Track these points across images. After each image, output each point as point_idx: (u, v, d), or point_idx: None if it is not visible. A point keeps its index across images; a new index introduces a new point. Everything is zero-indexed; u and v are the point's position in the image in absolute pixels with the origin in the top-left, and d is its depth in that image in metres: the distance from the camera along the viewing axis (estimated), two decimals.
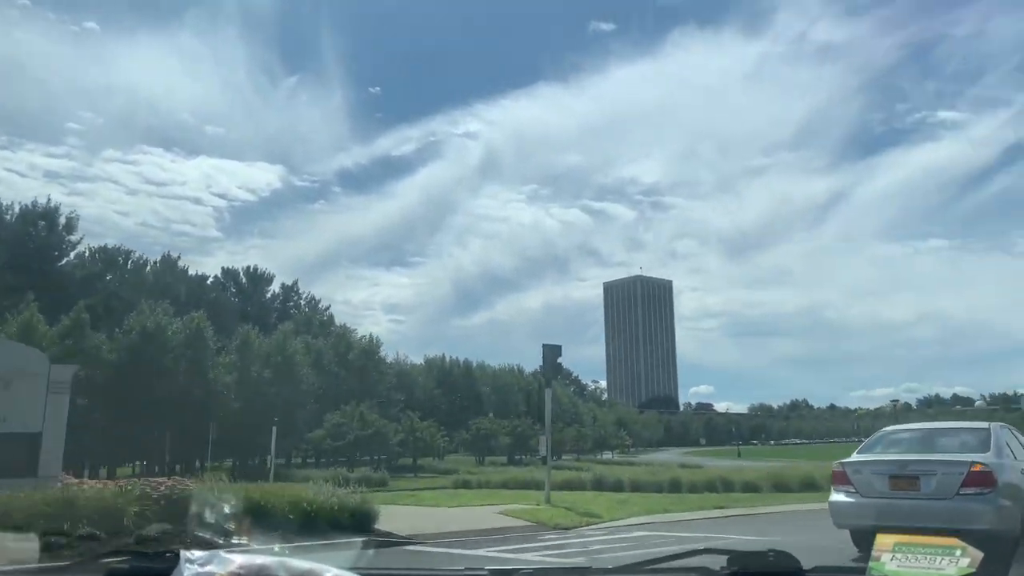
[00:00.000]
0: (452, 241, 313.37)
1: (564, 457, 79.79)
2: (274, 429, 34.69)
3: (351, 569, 1.78)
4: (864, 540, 9.06)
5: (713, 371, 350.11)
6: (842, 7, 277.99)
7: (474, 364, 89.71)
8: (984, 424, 10.51)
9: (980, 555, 1.64)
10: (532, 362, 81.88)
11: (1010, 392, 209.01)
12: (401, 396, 66.54)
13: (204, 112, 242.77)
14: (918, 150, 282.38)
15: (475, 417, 70.82)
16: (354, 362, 65.07)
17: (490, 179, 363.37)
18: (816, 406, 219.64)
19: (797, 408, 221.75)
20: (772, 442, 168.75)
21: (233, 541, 3.78)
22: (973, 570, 1.61)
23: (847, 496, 9.47)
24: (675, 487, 25.12)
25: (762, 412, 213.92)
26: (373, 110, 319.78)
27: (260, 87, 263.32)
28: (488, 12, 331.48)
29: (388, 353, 75.93)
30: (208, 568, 1.75)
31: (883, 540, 1.78)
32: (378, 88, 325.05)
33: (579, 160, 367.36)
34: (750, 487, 24.33)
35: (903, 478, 9.08)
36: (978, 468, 8.67)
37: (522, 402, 79.11)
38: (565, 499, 20.23)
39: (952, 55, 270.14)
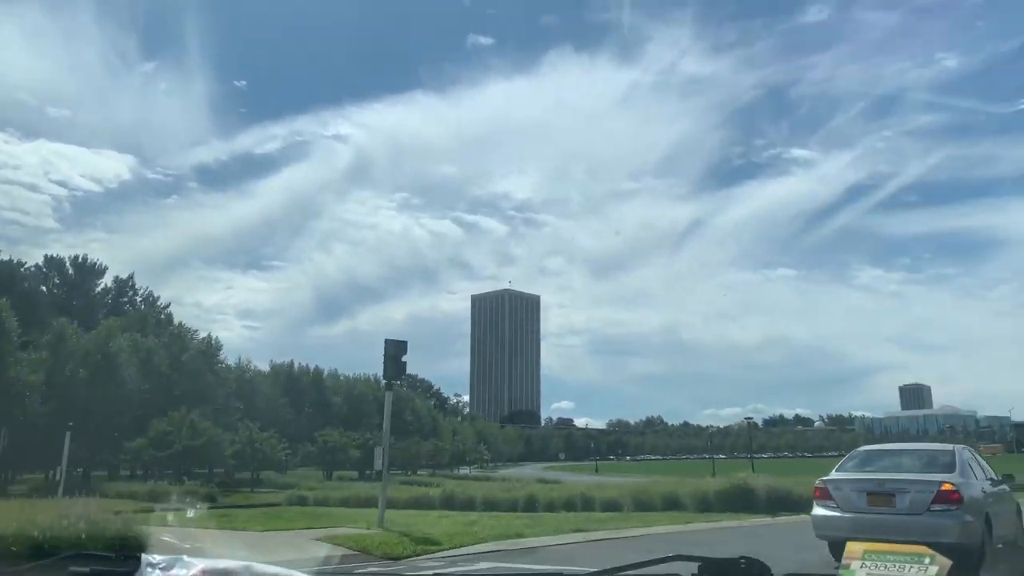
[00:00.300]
0: (315, 246, 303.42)
1: (420, 472, 76.58)
2: (68, 435, 29.59)
3: (317, 574, 1.78)
4: (840, 551, 7.82)
5: (575, 387, 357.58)
6: (709, 44, 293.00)
7: (325, 372, 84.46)
8: (949, 446, 11.59)
9: (948, 563, 1.72)
10: None
11: (845, 414, 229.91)
12: (240, 404, 60.83)
13: (47, 92, 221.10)
14: (772, 184, 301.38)
15: (323, 428, 66.04)
16: (188, 365, 58.78)
17: (359, 184, 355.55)
18: (671, 423, 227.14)
19: (653, 425, 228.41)
20: (628, 457, 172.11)
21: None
22: None
23: (828, 510, 10.29)
24: (531, 505, 23.08)
25: (620, 428, 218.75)
26: (237, 104, 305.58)
27: (114, 70, 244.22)
28: (365, 13, 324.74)
29: (230, 357, 69.90)
30: (171, 572, 1.77)
31: (852, 547, 1.84)
32: (244, 81, 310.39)
33: (453, 171, 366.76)
34: (611, 505, 22.21)
35: (880, 495, 9.91)
36: (947, 487, 9.50)
37: (376, 413, 74.80)
38: (405, 521, 17.30)
39: (805, 97, 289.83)
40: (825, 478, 10.76)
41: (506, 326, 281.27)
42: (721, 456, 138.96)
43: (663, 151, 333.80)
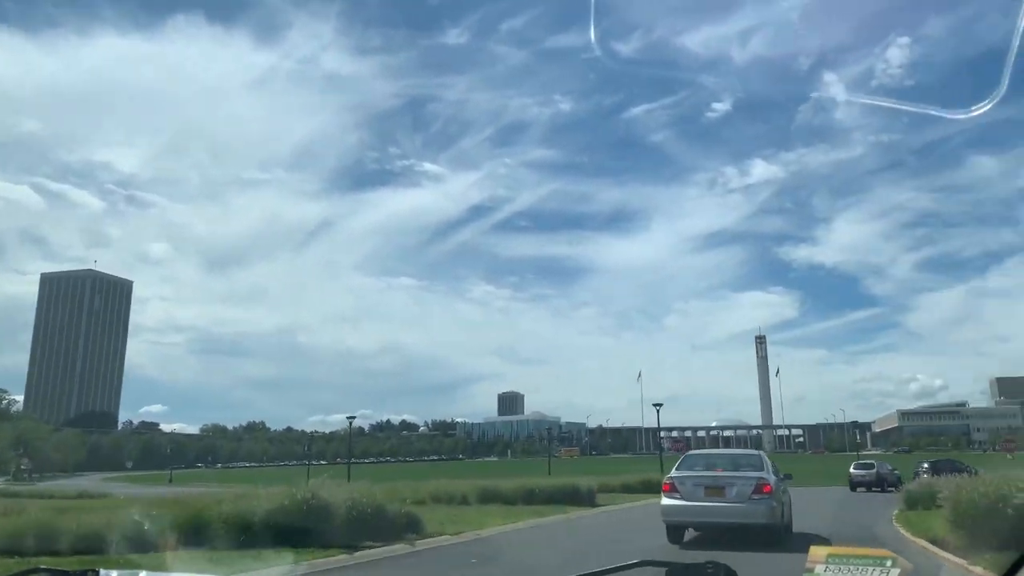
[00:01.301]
0: None
1: None
2: None
3: None
4: (677, 534, 13.36)
5: (171, 389, 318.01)
6: (353, 43, 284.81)
7: None
8: (755, 451, 16.75)
9: (910, 566, 1.76)
10: None
11: (448, 419, 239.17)
12: None
13: None
14: (403, 194, 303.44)
15: None
16: None
17: None
18: (274, 428, 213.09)
19: (253, 430, 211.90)
20: (220, 465, 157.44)
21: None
22: None
23: (675, 500, 13.13)
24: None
25: (215, 433, 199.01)
26: None
27: None
28: None
29: None
30: None
31: (816, 552, 1.82)
32: None
33: (39, 128, 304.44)
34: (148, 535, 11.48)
35: (714, 488, 12.89)
36: (763, 482, 12.73)
37: None
38: None
39: (440, 115, 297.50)
40: (670, 476, 13.62)
41: (84, 315, 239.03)
42: (322, 462, 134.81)
43: (296, 145, 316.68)
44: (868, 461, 44.08)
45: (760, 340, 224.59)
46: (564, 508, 22.12)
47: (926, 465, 38.53)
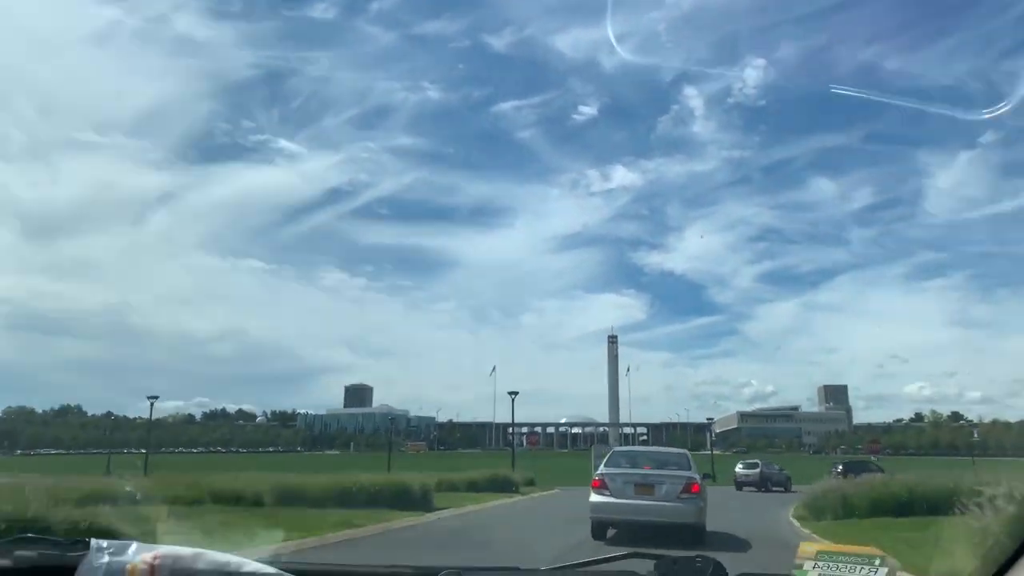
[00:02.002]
0: None
1: None
2: None
3: (272, 563, 1.76)
4: (601, 531, 13.13)
5: None
6: (209, 5, 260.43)
7: None
8: (681, 450, 15.54)
9: (897, 565, 1.79)
10: None
11: (288, 410, 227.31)
12: None
13: None
14: (255, 171, 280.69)
15: None
16: None
17: None
18: (92, 413, 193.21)
19: (66, 414, 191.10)
20: (19, 451, 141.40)
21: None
22: None
23: (604, 497, 12.96)
24: None
25: (19, 417, 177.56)
26: None
27: None
28: None
29: None
30: (120, 558, 1.72)
31: (806, 548, 1.82)
32: None
33: None
34: None
35: (644, 486, 12.77)
36: (692, 482, 12.79)
37: None
38: None
39: (301, 91, 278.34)
40: (600, 472, 13.52)
41: None
42: (141, 450, 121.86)
43: (139, 109, 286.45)
44: (753, 461, 43.80)
45: (612, 339, 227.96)
46: (387, 514, 16.45)
47: (840, 467, 37.92)
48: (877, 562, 1.75)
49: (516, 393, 40.67)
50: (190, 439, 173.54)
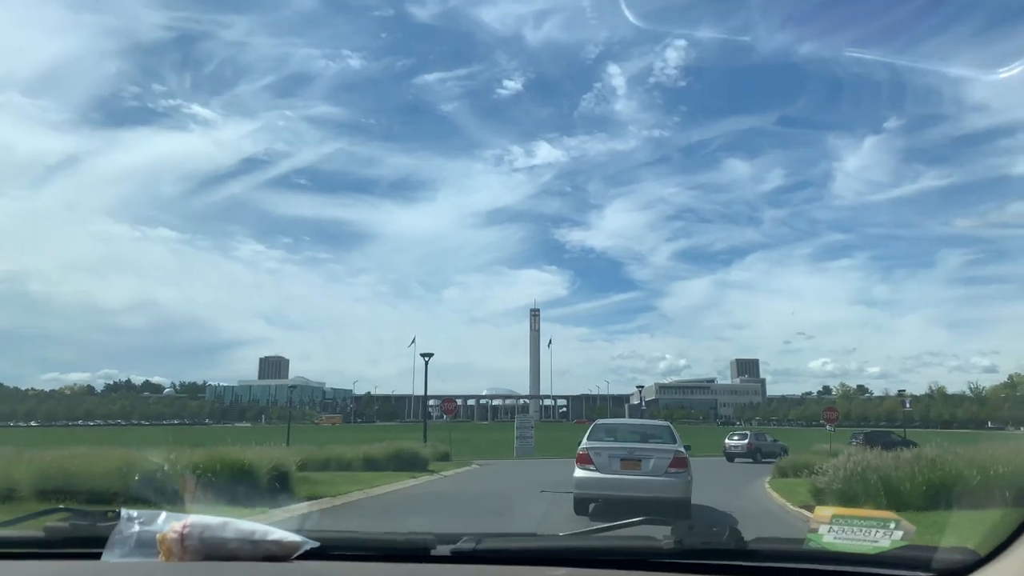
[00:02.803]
0: None
1: None
2: None
3: (298, 531, 1.84)
4: (583, 506, 12.51)
5: None
6: None
7: None
8: (664, 423, 15.26)
9: (913, 528, 1.74)
10: None
11: (199, 382, 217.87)
12: None
13: None
14: (166, 136, 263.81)
15: None
16: None
17: None
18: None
19: None
20: None
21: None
22: (907, 542, 1.70)
23: (590, 473, 12.38)
24: None
25: None
26: None
27: None
28: None
29: None
30: (151, 528, 1.79)
31: (821, 512, 1.82)
32: None
33: None
34: None
35: (630, 460, 12.28)
36: (679, 454, 12.33)
37: None
38: None
39: (215, 55, 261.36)
40: (585, 446, 12.70)
41: None
42: (32, 423, 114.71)
43: (40, 67, 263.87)
44: (742, 431, 43.00)
45: (535, 313, 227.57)
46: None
47: (860, 438, 36.87)
48: (892, 525, 1.73)
49: (430, 355, 37.04)
50: (87, 411, 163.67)
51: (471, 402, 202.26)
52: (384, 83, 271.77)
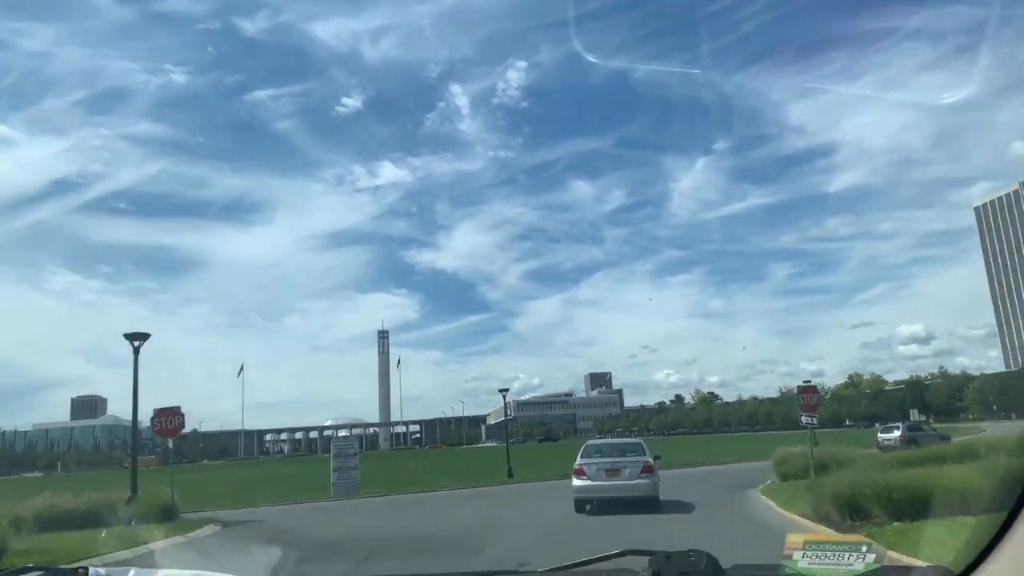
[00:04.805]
0: None
1: None
2: None
3: None
4: (582, 507, 17.51)
5: None
6: None
7: None
8: (637, 440, 20.26)
9: (885, 552, 1.82)
10: None
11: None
12: None
13: None
14: None
15: None
16: None
17: None
18: None
19: None
20: None
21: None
22: (880, 565, 1.71)
23: (584, 482, 17.49)
24: None
25: None
26: None
27: None
28: None
29: None
30: None
31: (793, 539, 1.83)
32: None
33: None
34: None
35: (612, 470, 17.51)
36: (648, 464, 17.59)
37: None
38: None
39: (14, 67, 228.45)
40: (579, 463, 17.91)
41: None
42: None
43: None
44: (895, 424, 44.53)
45: (383, 335, 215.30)
46: None
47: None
48: (864, 548, 1.75)
49: (145, 335, 25.73)
50: None
51: (313, 434, 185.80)
52: (212, 99, 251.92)
